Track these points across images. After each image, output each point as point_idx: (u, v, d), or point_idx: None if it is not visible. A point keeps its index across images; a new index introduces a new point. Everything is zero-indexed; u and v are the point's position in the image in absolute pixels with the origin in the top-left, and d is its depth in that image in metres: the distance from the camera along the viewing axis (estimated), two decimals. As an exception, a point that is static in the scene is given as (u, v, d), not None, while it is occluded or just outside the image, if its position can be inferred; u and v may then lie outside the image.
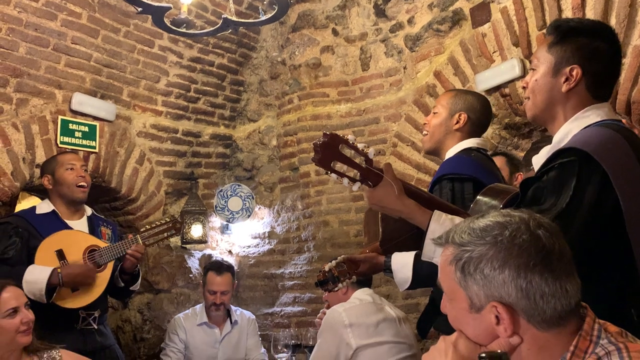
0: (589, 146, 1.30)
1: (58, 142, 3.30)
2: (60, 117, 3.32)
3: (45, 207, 2.83)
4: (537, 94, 1.50)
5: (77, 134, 3.40)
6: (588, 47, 1.44)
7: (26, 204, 3.77)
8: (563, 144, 1.39)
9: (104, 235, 2.96)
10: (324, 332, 2.47)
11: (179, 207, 4.15)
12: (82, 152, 3.39)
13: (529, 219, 1.00)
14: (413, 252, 1.93)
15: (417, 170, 3.56)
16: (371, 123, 3.87)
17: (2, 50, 3.04)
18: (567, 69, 1.45)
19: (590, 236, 1.27)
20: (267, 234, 4.26)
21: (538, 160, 1.49)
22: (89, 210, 2.98)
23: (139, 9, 2.52)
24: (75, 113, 3.41)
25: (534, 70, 1.52)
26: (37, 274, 2.55)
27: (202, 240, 4.13)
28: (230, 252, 4.35)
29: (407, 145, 3.63)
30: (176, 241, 4.06)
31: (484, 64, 3.16)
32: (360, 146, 1.46)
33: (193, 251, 4.17)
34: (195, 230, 4.08)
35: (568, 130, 1.44)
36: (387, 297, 3.36)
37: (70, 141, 3.36)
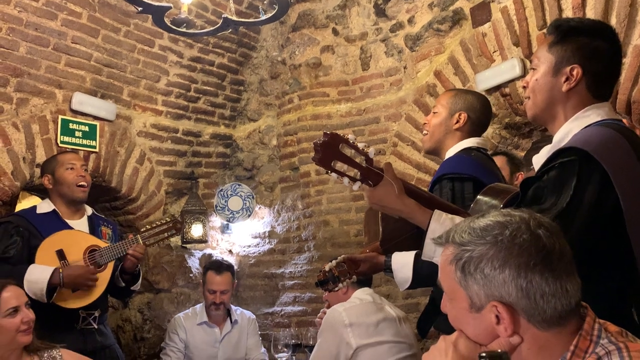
0: (589, 145, 1.30)
1: (58, 141, 3.30)
2: (60, 117, 3.32)
3: (45, 206, 2.83)
4: (538, 94, 1.50)
5: (78, 134, 3.41)
6: (588, 47, 1.44)
7: (26, 204, 3.77)
8: (563, 143, 1.39)
9: (104, 235, 2.95)
10: (324, 332, 2.48)
11: (179, 206, 4.15)
12: (82, 152, 3.40)
13: (530, 218, 1.00)
14: (413, 251, 1.93)
15: (417, 170, 3.56)
16: (371, 123, 3.87)
17: (2, 49, 3.04)
18: (568, 69, 1.45)
19: (590, 236, 1.27)
20: (267, 234, 4.26)
21: (538, 159, 1.49)
22: (89, 210, 2.98)
23: (139, 9, 2.52)
24: (76, 113, 3.41)
25: (534, 69, 1.52)
26: (38, 273, 2.55)
27: (203, 240, 4.13)
28: (230, 252, 4.35)
29: (408, 144, 3.63)
30: (176, 241, 4.06)
31: (484, 63, 3.16)
32: (360, 146, 1.46)
33: (193, 251, 4.17)
34: (196, 230, 4.08)
35: (568, 130, 1.44)
36: (388, 297, 3.36)
37: (70, 141, 3.36)
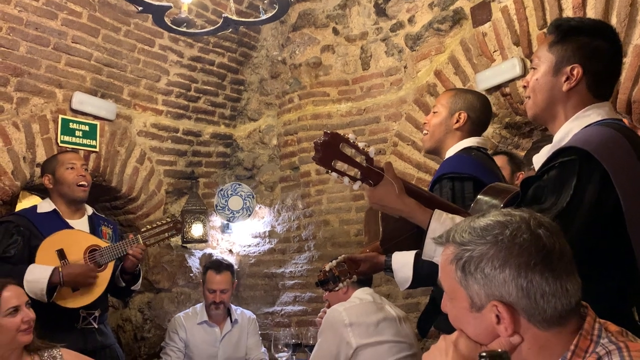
0: (589, 145, 1.30)
1: (58, 141, 3.30)
2: (60, 116, 3.32)
3: (46, 206, 2.83)
4: (538, 93, 1.50)
5: (78, 133, 3.41)
6: (589, 46, 1.44)
7: (27, 203, 3.77)
8: (563, 143, 1.39)
9: (104, 235, 2.95)
10: (324, 331, 2.47)
11: (179, 206, 4.15)
12: (82, 151, 3.40)
13: (530, 218, 1.00)
14: (413, 251, 1.93)
15: (417, 170, 3.56)
16: (372, 122, 3.87)
17: (2, 49, 3.04)
18: (568, 68, 1.44)
19: (590, 235, 1.27)
20: (267, 233, 4.26)
21: (538, 159, 1.49)
22: (89, 210, 2.98)
23: (140, 8, 2.52)
24: (76, 112, 3.41)
25: (534, 69, 1.52)
26: (38, 273, 2.55)
27: (203, 240, 4.13)
28: (230, 252, 4.35)
29: (408, 144, 3.63)
30: (177, 240, 4.06)
31: (485, 63, 3.16)
32: (360, 145, 1.46)
33: (193, 250, 4.17)
34: (196, 230, 4.08)
35: (569, 130, 1.43)
36: (388, 297, 3.36)
37: (70, 140, 3.36)
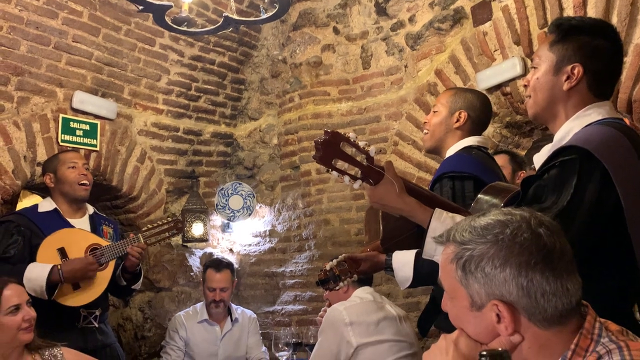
0: (590, 144, 1.30)
1: (59, 140, 3.31)
2: (61, 116, 3.32)
3: (47, 205, 2.83)
4: (539, 92, 1.50)
5: (78, 132, 3.41)
6: (589, 46, 1.44)
7: (27, 202, 3.77)
8: (564, 142, 1.39)
9: (105, 234, 2.95)
10: (324, 331, 2.48)
11: (179, 205, 4.15)
12: (83, 151, 3.40)
13: (530, 217, 1.00)
14: (414, 250, 1.93)
15: (417, 169, 3.56)
16: (372, 121, 3.87)
17: (3, 48, 3.04)
18: (569, 67, 1.44)
19: (591, 234, 1.27)
20: (268, 233, 4.26)
21: (539, 158, 1.49)
22: (90, 209, 2.98)
23: (140, 7, 2.52)
24: (77, 111, 3.41)
25: (535, 68, 1.52)
26: (38, 271, 2.56)
27: (203, 239, 4.13)
28: (231, 251, 4.35)
29: (408, 143, 3.63)
30: (177, 240, 4.06)
31: (485, 62, 3.16)
32: (361, 144, 1.45)
33: (194, 249, 4.17)
34: (196, 229, 4.08)
35: (569, 129, 1.43)
36: (388, 296, 3.36)
37: (71, 139, 3.36)
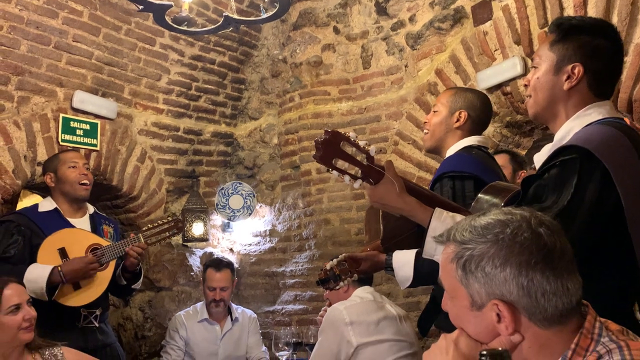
0: (590, 144, 1.30)
1: (59, 140, 3.30)
2: (61, 115, 3.32)
3: (47, 204, 2.83)
4: (539, 92, 1.50)
5: (79, 132, 3.41)
6: (590, 45, 1.44)
7: (28, 202, 3.77)
8: (564, 141, 1.39)
9: (105, 234, 2.95)
10: (325, 330, 2.48)
11: (180, 205, 4.15)
12: (83, 150, 3.40)
13: (531, 216, 1.00)
14: (414, 250, 1.93)
15: (418, 169, 3.56)
16: (372, 121, 3.87)
17: (3, 48, 3.04)
18: (569, 67, 1.44)
19: (591, 234, 1.27)
20: (268, 232, 4.26)
21: (539, 158, 1.49)
22: (91, 209, 2.98)
23: (140, 7, 2.52)
24: (77, 111, 3.41)
25: (535, 68, 1.52)
26: (38, 272, 2.55)
27: (203, 238, 4.13)
28: (231, 250, 4.35)
29: (408, 143, 3.63)
30: (177, 239, 4.06)
31: (486, 62, 3.16)
32: (361, 144, 1.45)
33: (194, 249, 4.17)
34: (197, 228, 4.08)
35: (569, 128, 1.43)
36: (388, 295, 3.36)
37: (71, 139, 3.36)
